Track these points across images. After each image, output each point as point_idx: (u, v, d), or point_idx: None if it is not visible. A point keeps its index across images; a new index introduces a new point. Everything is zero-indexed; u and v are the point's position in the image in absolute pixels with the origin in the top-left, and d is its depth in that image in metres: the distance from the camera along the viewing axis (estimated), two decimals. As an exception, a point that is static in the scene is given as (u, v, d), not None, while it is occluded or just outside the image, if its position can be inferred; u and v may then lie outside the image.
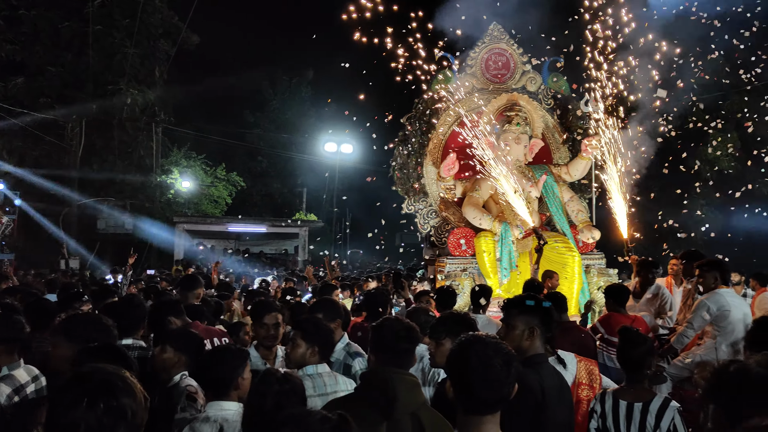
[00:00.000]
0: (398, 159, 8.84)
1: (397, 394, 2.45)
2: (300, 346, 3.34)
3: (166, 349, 3.40)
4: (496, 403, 2.06)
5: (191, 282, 5.63)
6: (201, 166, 27.60)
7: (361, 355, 4.01)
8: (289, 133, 33.18)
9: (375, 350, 2.73)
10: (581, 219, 8.14)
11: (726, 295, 4.90)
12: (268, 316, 4.04)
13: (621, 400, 3.20)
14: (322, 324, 3.53)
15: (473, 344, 2.11)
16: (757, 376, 1.35)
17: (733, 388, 1.37)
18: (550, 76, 9.15)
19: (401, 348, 2.67)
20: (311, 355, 3.34)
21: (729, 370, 1.41)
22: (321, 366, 3.35)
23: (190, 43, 26.23)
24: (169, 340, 3.49)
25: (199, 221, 25.97)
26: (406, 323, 2.79)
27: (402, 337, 2.68)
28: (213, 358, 3.08)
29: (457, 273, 7.82)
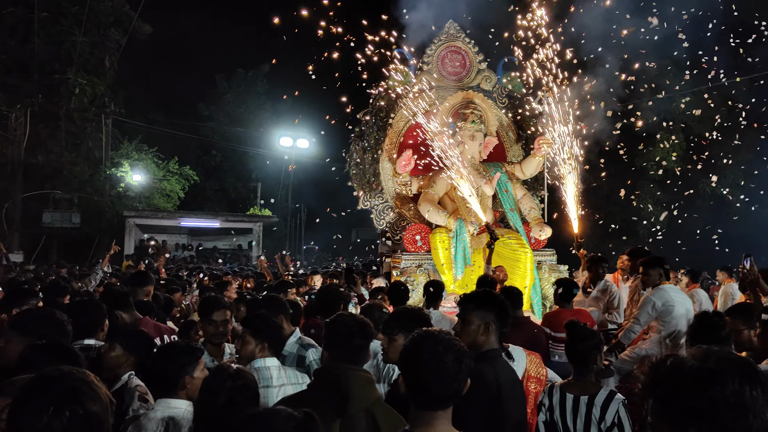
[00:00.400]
0: (354, 155, 8.83)
1: (351, 391, 2.46)
2: (250, 343, 3.34)
3: (114, 347, 3.31)
4: (447, 398, 2.08)
5: (141, 278, 5.51)
6: (153, 159, 26.99)
7: (314, 346, 4.02)
8: (244, 127, 32.75)
9: (328, 347, 2.73)
10: (533, 216, 8.29)
11: (670, 291, 5.07)
12: (217, 312, 4.00)
13: (568, 394, 3.27)
14: (271, 320, 3.52)
15: (425, 340, 2.12)
16: (691, 369, 1.39)
17: (669, 382, 1.42)
18: (504, 75, 9.27)
19: (355, 344, 2.67)
20: (261, 351, 3.34)
21: (665, 365, 1.45)
22: (269, 359, 3.35)
23: (142, 32, 25.62)
24: (118, 337, 3.40)
25: (151, 215, 25.44)
26: (360, 319, 2.80)
27: (356, 333, 2.68)
28: (161, 355, 3.01)
29: (413, 269, 7.86)
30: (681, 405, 1.38)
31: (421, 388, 2.06)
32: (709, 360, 1.40)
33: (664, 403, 1.42)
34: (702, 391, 1.36)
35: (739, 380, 1.35)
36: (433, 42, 9.14)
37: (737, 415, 1.33)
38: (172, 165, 27.77)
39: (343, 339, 2.67)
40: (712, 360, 1.39)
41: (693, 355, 1.43)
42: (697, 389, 1.37)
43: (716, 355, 1.41)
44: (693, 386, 1.37)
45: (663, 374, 1.43)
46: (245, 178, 33.98)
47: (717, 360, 1.39)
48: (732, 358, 1.40)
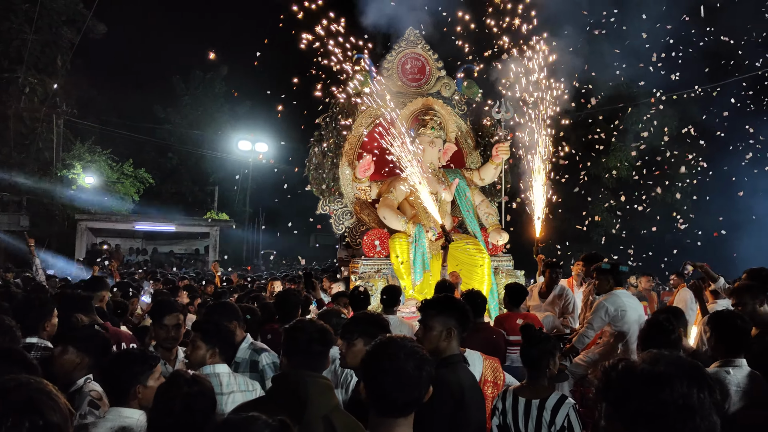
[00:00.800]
0: (313, 159, 8.81)
1: (309, 398, 2.43)
2: (200, 348, 3.28)
3: (67, 350, 3.21)
4: (408, 405, 2.07)
5: (96, 283, 5.39)
6: (106, 161, 26.30)
7: (267, 351, 3.98)
8: (201, 130, 32.26)
9: (287, 353, 2.70)
10: (491, 222, 8.39)
11: (622, 297, 5.18)
12: (169, 316, 3.92)
13: (520, 397, 3.30)
14: (223, 325, 3.47)
15: (387, 346, 2.12)
16: (641, 373, 1.43)
17: (620, 386, 1.45)
18: (463, 82, 9.37)
19: (315, 350, 2.65)
20: (211, 356, 3.29)
21: (617, 369, 1.48)
22: (219, 366, 3.30)
23: (97, 32, 25.03)
24: (71, 339, 3.29)
25: (104, 219, 24.80)
26: (320, 325, 2.77)
27: (315, 339, 2.66)
28: (113, 363, 2.92)
29: (371, 274, 7.86)
30: (632, 408, 1.41)
31: (382, 394, 2.05)
32: (658, 363, 1.43)
33: (616, 407, 1.45)
34: (652, 394, 1.39)
35: (687, 383, 1.38)
36: (393, 48, 9.19)
37: (685, 417, 1.36)
38: (126, 167, 27.14)
39: (302, 345, 2.64)
40: (662, 363, 1.42)
41: (643, 359, 1.46)
42: (647, 392, 1.39)
43: (665, 359, 1.44)
44: (643, 389, 1.40)
45: (614, 378, 1.46)
46: (202, 182, 33.44)
47: (666, 363, 1.42)
48: (681, 362, 1.44)
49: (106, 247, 23.51)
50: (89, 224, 24.06)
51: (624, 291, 5.28)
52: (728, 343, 3.31)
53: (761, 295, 4.03)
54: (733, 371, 3.20)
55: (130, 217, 26.10)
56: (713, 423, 1.39)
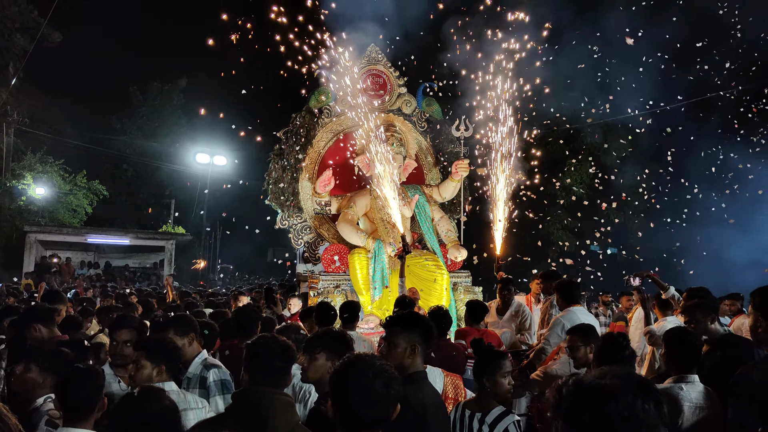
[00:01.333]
0: (273, 173, 8.75)
1: (270, 414, 2.40)
2: (145, 367, 3.18)
3: (30, 369, 3.09)
4: (376, 423, 2.07)
5: (54, 298, 5.26)
6: (58, 172, 25.54)
7: (217, 366, 3.89)
8: (158, 142, 31.69)
9: (249, 369, 2.65)
10: (450, 238, 8.45)
11: (579, 313, 5.27)
12: (119, 332, 3.81)
13: (466, 410, 3.33)
14: (167, 341, 3.37)
15: (355, 364, 2.11)
16: (588, 387, 1.47)
17: (571, 400, 1.48)
18: (424, 100, 9.46)
19: (277, 366, 2.62)
20: (158, 374, 3.20)
21: (567, 384, 1.52)
22: (167, 384, 3.21)
23: (51, 40, 24.45)
24: (34, 358, 3.18)
25: (55, 231, 24.07)
26: (283, 341, 2.74)
27: (277, 355, 2.63)
28: (67, 381, 2.82)
29: (330, 289, 7.82)
30: (582, 421, 1.44)
31: (350, 412, 2.04)
32: (605, 377, 1.47)
33: (568, 421, 1.48)
34: (599, 406, 1.42)
35: (632, 395, 1.42)
36: (355, 65, 9.22)
37: (632, 428, 1.40)
38: (79, 179, 26.43)
39: (265, 361, 2.60)
40: (608, 377, 1.46)
41: (593, 375, 1.51)
42: (594, 405, 1.43)
43: (613, 373, 1.48)
44: (591, 402, 1.44)
45: (565, 393, 1.50)
46: (158, 195, 32.80)
47: (612, 377, 1.46)
48: (627, 376, 1.48)
49: (56, 261, 22.83)
50: (39, 236, 23.31)
51: (581, 308, 5.36)
52: (681, 360, 3.39)
53: (712, 312, 4.14)
54: (686, 387, 3.28)
55: (82, 230, 25.40)
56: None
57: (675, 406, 3.19)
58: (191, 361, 3.88)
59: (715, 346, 3.94)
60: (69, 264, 23.39)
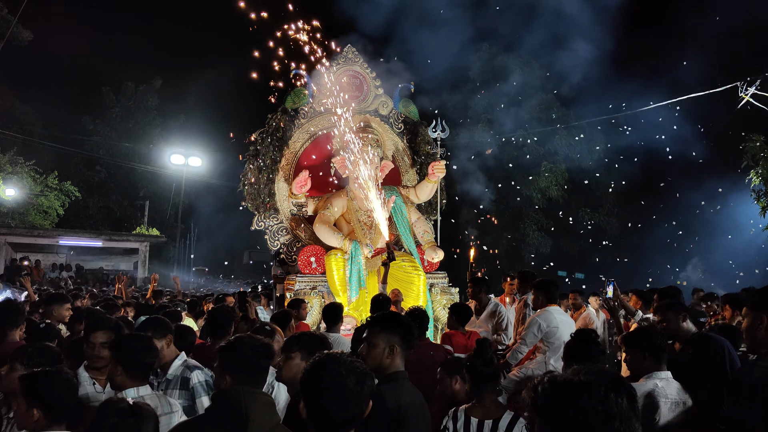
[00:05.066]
0: (249, 174, 8.68)
1: (250, 414, 2.38)
2: (117, 373, 3.14)
3: (15, 368, 3.03)
4: (349, 422, 2.06)
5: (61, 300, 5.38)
6: (29, 173, 25.07)
7: (199, 368, 3.87)
8: (132, 143, 31.28)
9: (230, 370, 2.61)
10: (427, 239, 8.47)
11: (555, 313, 5.31)
12: (94, 334, 3.74)
13: (472, 417, 3.30)
14: (140, 344, 3.30)
15: (326, 363, 2.10)
16: (562, 383, 1.49)
17: (546, 397, 1.50)
18: (401, 101, 9.47)
19: (258, 366, 2.61)
20: (131, 379, 3.16)
21: (543, 382, 1.54)
22: (143, 388, 3.18)
23: (22, 39, 24.03)
24: (19, 357, 3.13)
25: (25, 233, 23.62)
26: (262, 341, 2.73)
27: (259, 354, 2.62)
28: (43, 380, 2.74)
29: (307, 291, 7.79)
30: (557, 417, 1.47)
31: (323, 412, 2.03)
32: (578, 374, 1.50)
33: (544, 418, 1.50)
34: (573, 401, 1.45)
35: (604, 389, 1.45)
36: (331, 65, 9.20)
37: (604, 421, 1.43)
38: (51, 180, 25.97)
39: (246, 361, 2.58)
40: (582, 373, 1.50)
41: (566, 372, 1.53)
42: (568, 400, 1.46)
43: (585, 370, 1.51)
44: (565, 398, 1.47)
45: (540, 391, 1.52)
46: (132, 196, 32.36)
47: (585, 373, 1.50)
48: (599, 371, 1.51)
49: (26, 263, 22.40)
50: (8, 239, 22.86)
51: (557, 308, 5.40)
52: (654, 357, 3.42)
53: (683, 311, 4.20)
54: (660, 384, 3.31)
55: (54, 232, 24.96)
56: (634, 428, 1.45)
57: (652, 402, 3.22)
58: (170, 363, 3.86)
59: (687, 345, 4.01)
60: (39, 267, 22.94)
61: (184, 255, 34.48)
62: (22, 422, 2.60)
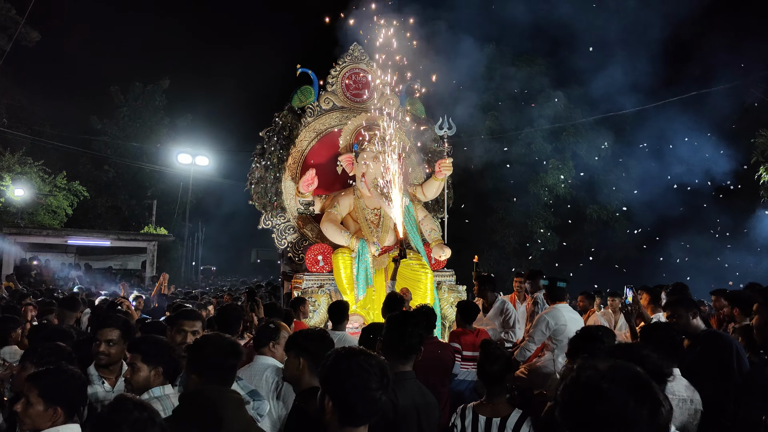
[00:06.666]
0: (256, 173, 8.69)
1: (225, 413, 2.39)
2: (141, 370, 3.10)
3: (26, 367, 3.06)
4: (372, 414, 2.09)
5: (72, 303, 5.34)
6: (38, 173, 25.19)
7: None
8: (139, 142, 31.40)
9: (199, 369, 2.61)
10: (434, 237, 8.44)
11: (563, 311, 5.29)
12: (103, 331, 3.75)
13: (480, 415, 3.28)
14: (162, 342, 3.32)
15: (352, 356, 2.12)
16: (585, 384, 1.46)
17: (569, 396, 1.47)
18: (407, 98, 9.45)
19: (228, 364, 2.62)
20: (155, 376, 3.13)
21: (566, 379, 1.51)
22: (167, 387, 3.17)
23: (30, 39, 24.14)
24: (30, 356, 3.16)
25: (34, 233, 23.74)
26: (229, 339, 2.75)
27: (228, 353, 2.63)
28: (61, 377, 2.74)
29: (314, 289, 7.79)
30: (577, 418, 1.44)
31: (349, 404, 2.04)
32: (602, 378, 1.45)
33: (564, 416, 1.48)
34: (592, 405, 1.43)
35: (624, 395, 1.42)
36: (338, 63, 9.20)
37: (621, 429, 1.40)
38: (59, 180, 26.07)
39: (214, 360, 2.59)
40: (605, 379, 1.45)
41: (596, 367, 1.49)
42: (588, 403, 1.43)
43: (611, 370, 1.47)
44: (585, 401, 1.44)
45: (563, 389, 1.49)
46: (140, 195, 32.47)
47: (609, 377, 1.45)
48: (626, 375, 1.47)
49: (36, 263, 22.53)
50: (18, 238, 22.98)
51: (565, 305, 5.38)
52: (664, 353, 3.40)
53: (694, 307, 4.18)
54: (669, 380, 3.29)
55: (63, 231, 25.08)
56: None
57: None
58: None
59: (695, 341, 3.98)
60: (48, 266, 23.06)
61: (192, 254, 34.61)
62: (35, 420, 2.60)
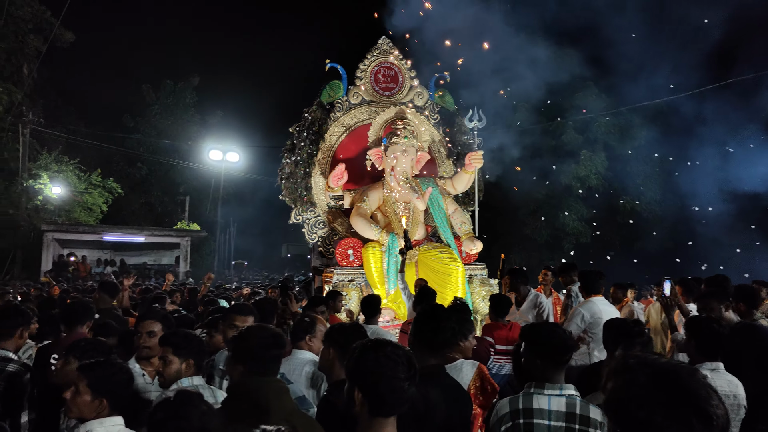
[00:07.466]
0: (286, 168, 8.73)
1: (270, 403, 2.43)
2: (173, 363, 3.18)
3: (69, 361, 3.13)
4: (402, 404, 2.11)
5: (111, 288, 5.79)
6: (74, 171, 25.78)
7: None
8: (171, 140, 31.88)
9: (242, 360, 2.67)
10: (465, 231, 8.38)
11: (599, 304, 5.22)
12: (142, 323, 3.82)
13: None
14: (192, 335, 3.39)
15: (381, 347, 2.15)
16: (637, 388, 1.43)
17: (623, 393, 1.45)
18: (436, 91, 9.40)
19: (270, 355, 2.66)
20: (186, 369, 3.20)
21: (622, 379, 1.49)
22: (197, 378, 3.23)
23: (64, 40, 24.65)
24: (73, 351, 3.24)
25: (71, 229, 24.29)
26: (273, 330, 2.79)
27: (270, 344, 2.67)
28: (109, 370, 2.82)
29: (345, 283, 7.80)
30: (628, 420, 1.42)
31: (378, 394, 2.07)
32: (656, 386, 1.43)
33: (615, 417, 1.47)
34: (640, 408, 1.41)
35: (673, 405, 1.40)
36: (366, 57, 9.18)
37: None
38: (94, 177, 26.65)
39: (257, 351, 2.63)
40: (660, 387, 1.43)
41: (620, 359, 1.47)
42: (637, 408, 1.42)
43: (667, 377, 1.44)
44: (635, 405, 1.42)
45: (610, 388, 1.49)
46: (172, 192, 33.01)
47: (678, 379, 1.43)
48: (686, 384, 1.44)
49: (72, 259, 23.05)
50: (56, 235, 23.53)
51: (601, 298, 5.31)
52: (705, 348, 3.33)
53: (726, 300, 4.09)
54: (711, 375, 3.23)
55: (98, 228, 25.61)
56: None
57: None
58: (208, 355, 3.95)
59: (733, 334, 3.89)
60: (85, 262, 23.59)
61: (224, 249, 35.04)
62: (81, 409, 2.66)
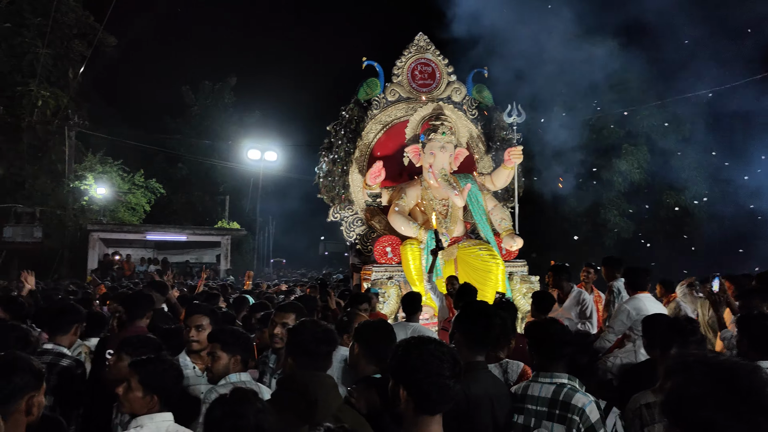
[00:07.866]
0: (323, 167, 8.77)
1: (318, 397, 2.45)
2: (221, 358, 3.23)
3: (122, 357, 3.19)
4: (447, 401, 2.10)
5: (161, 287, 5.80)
6: (117, 172, 26.45)
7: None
8: (211, 140, 32.38)
9: (294, 354, 2.71)
10: (504, 227, 8.29)
11: (645, 301, 5.09)
12: (191, 318, 3.89)
13: None
14: (239, 331, 3.44)
15: (423, 345, 2.14)
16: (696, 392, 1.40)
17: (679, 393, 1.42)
18: (474, 87, 9.31)
19: (320, 351, 2.69)
20: (234, 364, 3.24)
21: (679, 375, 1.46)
22: (244, 374, 3.26)
23: (107, 44, 25.22)
24: (125, 347, 3.29)
25: (115, 229, 24.89)
26: (324, 326, 2.81)
27: (321, 339, 2.69)
28: (160, 366, 2.86)
29: (383, 281, 7.80)
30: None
31: (423, 391, 2.06)
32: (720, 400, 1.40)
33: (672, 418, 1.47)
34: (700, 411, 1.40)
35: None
36: (403, 54, 9.15)
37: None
38: (137, 178, 27.28)
39: (308, 346, 2.66)
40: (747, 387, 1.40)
41: (678, 356, 1.43)
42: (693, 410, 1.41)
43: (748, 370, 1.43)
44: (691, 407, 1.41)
45: (668, 389, 1.48)
46: (212, 191, 33.54)
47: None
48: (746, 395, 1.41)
49: (117, 258, 23.60)
50: (101, 235, 24.13)
51: (647, 295, 5.19)
52: (756, 345, 3.22)
53: (769, 298, 3.96)
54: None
55: (142, 227, 26.18)
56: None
57: None
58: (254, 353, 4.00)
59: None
60: (129, 261, 24.13)
61: (264, 247, 35.44)
62: (133, 405, 2.71)
